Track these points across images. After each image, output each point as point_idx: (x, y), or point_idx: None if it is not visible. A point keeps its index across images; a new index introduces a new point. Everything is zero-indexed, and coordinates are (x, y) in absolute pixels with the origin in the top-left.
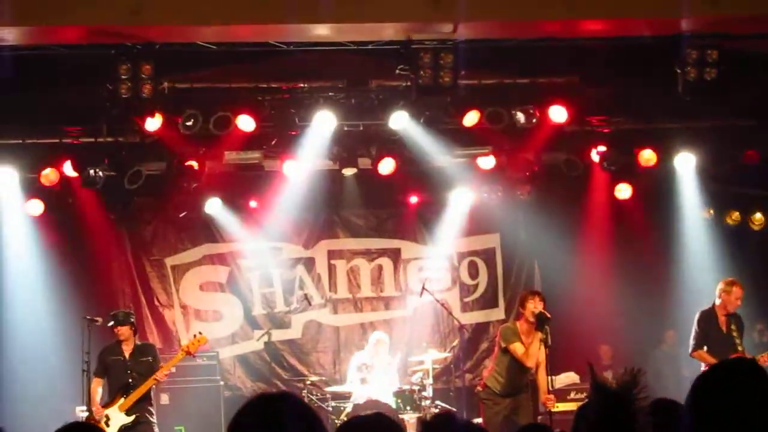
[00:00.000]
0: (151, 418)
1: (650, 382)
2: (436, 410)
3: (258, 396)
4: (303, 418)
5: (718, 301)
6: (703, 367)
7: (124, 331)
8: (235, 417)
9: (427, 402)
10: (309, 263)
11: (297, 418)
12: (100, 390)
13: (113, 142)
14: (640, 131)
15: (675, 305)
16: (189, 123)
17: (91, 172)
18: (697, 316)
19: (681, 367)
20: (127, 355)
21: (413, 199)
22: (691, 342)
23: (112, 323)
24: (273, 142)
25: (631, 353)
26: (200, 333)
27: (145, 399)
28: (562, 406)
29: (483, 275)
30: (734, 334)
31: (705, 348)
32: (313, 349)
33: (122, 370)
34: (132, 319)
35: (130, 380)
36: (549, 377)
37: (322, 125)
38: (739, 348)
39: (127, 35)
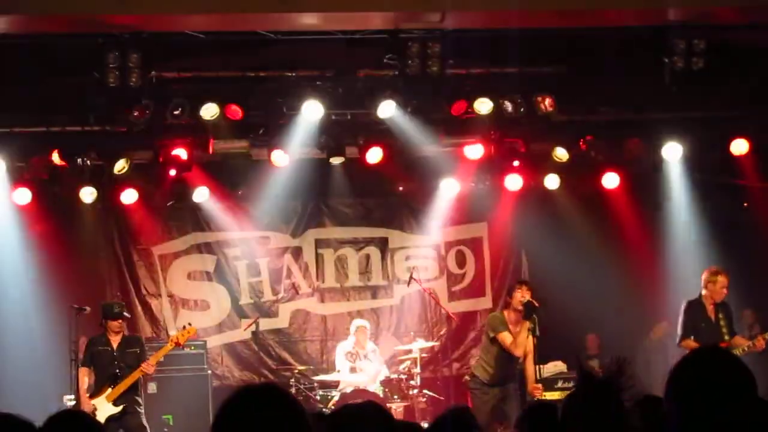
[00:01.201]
0: (138, 408)
1: (639, 372)
2: (424, 399)
3: (242, 387)
4: (287, 409)
5: (704, 291)
6: None
7: (116, 324)
8: (220, 409)
9: (415, 391)
10: (296, 252)
11: (281, 409)
12: (87, 380)
13: (101, 130)
14: (627, 121)
15: (664, 295)
16: (176, 112)
17: (79, 160)
18: (683, 305)
19: (670, 357)
20: (114, 345)
21: (401, 188)
22: (679, 332)
23: (105, 317)
24: (261, 132)
25: (618, 343)
26: (189, 324)
27: (133, 389)
28: (549, 395)
29: (470, 264)
30: (722, 323)
31: (693, 337)
32: (300, 338)
33: (109, 361)
34: (125, 313)
35: (117, 371)
36: (536, 366)
37: (310, 114)
38: (726, 337)
39: (114, 24)
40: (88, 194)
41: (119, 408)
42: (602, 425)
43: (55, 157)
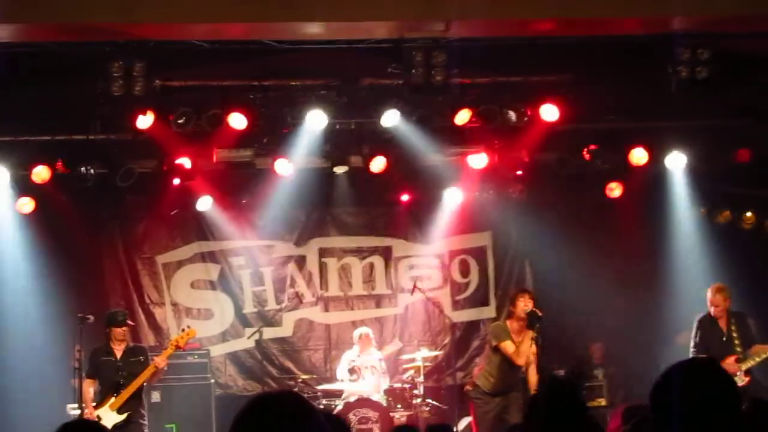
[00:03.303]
0: (142, 420)
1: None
2: (427, 408)
3: (259, 395)
4: (306, 417)
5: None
6: None
7: (121, 332)
8: (237, 417)
9: (419, 400)
10: (300, 261)
11: (301, 417)
12: (91, 391)
13: (105, 139)
14: (631, 130)
15: (670, 304)
16: (181, 121)
17: (83, 169)
18: (695, 321)
19: None
20: (118, 355)
21: (405, 198)
22: (691, 349)
23: (110, 324)
24: (265, 140)
25: (623, 351)
26: (188, 326)
27: (137, 398)
28: None
29: (474, 273)
30: (734, 335)
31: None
32: (304, 347)
33: (113, 370)
34: (128, 321)
35: (121, 380)
36: (540, 375)
37: (314, 123)
38: (738, 349)
39: (119, 33)
40: (92, 203)
41: (124, 416)
42: (564, 422)
43: (59, 166)
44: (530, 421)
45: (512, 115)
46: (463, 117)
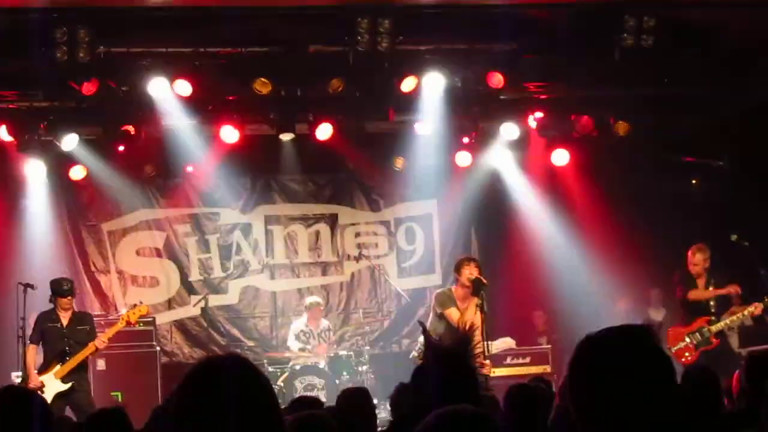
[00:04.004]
0: (86, 388)
1: None
2: (373, 376)
3: (207, 359)
4: (254, 379)
5: None
6: None
7: (66, 301)
8: (184, 381)
9: (364, 367)
10: (246, 229)
11: (249, 379)
12: (36, 357)
13: (49, 106)
14: (577, 98)
15: (616, 269)
16: (125, 88)
17: (27, 136)
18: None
19: None
20: (64, 322)
21: (350, 165)
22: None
23: (55, 294)
24: (210, 108)
25: (569, 318)
26: (141, 302)
27: (82, 367)
28: (498, 372)
29: (420, 241)
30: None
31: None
32: (250, 314)
33: (59, 338)
34: (74, 289)
35: (67, 348)
36: (485, 343)
37: (260, 90)
38: (712, 311)
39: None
40: (36, 170)
41: (68, 385)
42: (453, 390)
43: (3, 133)
44: (417, 390)
45: (458, 82)
46: (408, 84)
